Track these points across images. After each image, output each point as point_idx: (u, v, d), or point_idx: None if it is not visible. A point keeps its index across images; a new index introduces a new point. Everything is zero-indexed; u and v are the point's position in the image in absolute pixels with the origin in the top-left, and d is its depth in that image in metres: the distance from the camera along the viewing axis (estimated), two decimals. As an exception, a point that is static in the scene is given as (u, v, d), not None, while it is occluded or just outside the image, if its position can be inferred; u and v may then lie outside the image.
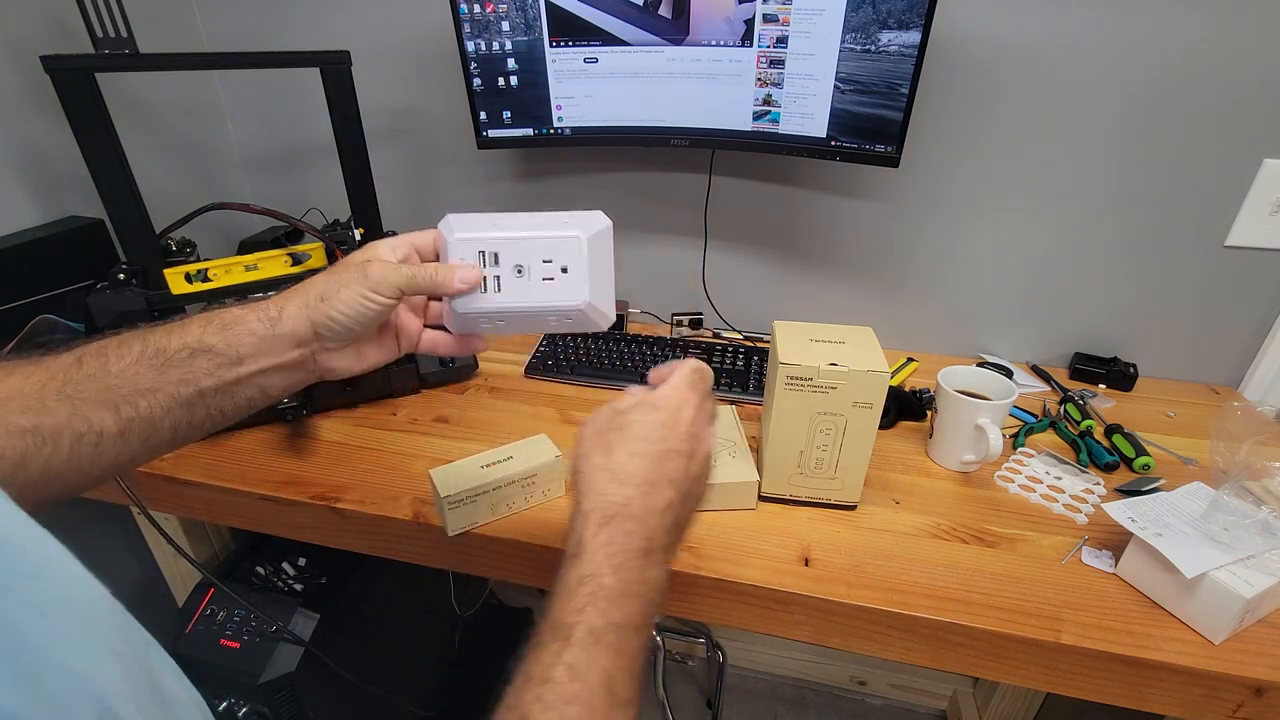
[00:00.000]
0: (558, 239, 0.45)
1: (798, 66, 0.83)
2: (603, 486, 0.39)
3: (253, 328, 0.42)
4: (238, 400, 0.43)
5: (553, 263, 0.45)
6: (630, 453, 0.40)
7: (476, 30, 0.87)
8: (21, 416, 0.36)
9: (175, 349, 0.41)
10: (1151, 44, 0.83)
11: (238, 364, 0.42)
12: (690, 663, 1.56)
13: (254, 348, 0.42)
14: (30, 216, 0.92)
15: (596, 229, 0.46)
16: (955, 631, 0.59)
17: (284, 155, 1.21)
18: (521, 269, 0.45)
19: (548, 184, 1.12)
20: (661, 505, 0.39)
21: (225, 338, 0.41)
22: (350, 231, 0.89)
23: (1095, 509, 0.71)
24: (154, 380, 0.40)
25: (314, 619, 0.86)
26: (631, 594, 0.36)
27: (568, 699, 0.32)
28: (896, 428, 0.86)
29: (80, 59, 0.72)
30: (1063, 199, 0.93)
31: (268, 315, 0.42)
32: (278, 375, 0.43)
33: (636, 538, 0.37)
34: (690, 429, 0.42)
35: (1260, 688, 0.54)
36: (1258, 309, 0.93)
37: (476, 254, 0.45)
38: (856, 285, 1.08)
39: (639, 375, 0.93)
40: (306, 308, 0.43)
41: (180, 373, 0.40)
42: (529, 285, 0.45)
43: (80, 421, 0.38)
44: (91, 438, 0.38)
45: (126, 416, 0.39)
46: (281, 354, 0.43)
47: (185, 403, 0.41)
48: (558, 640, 0.33)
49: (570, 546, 0.38)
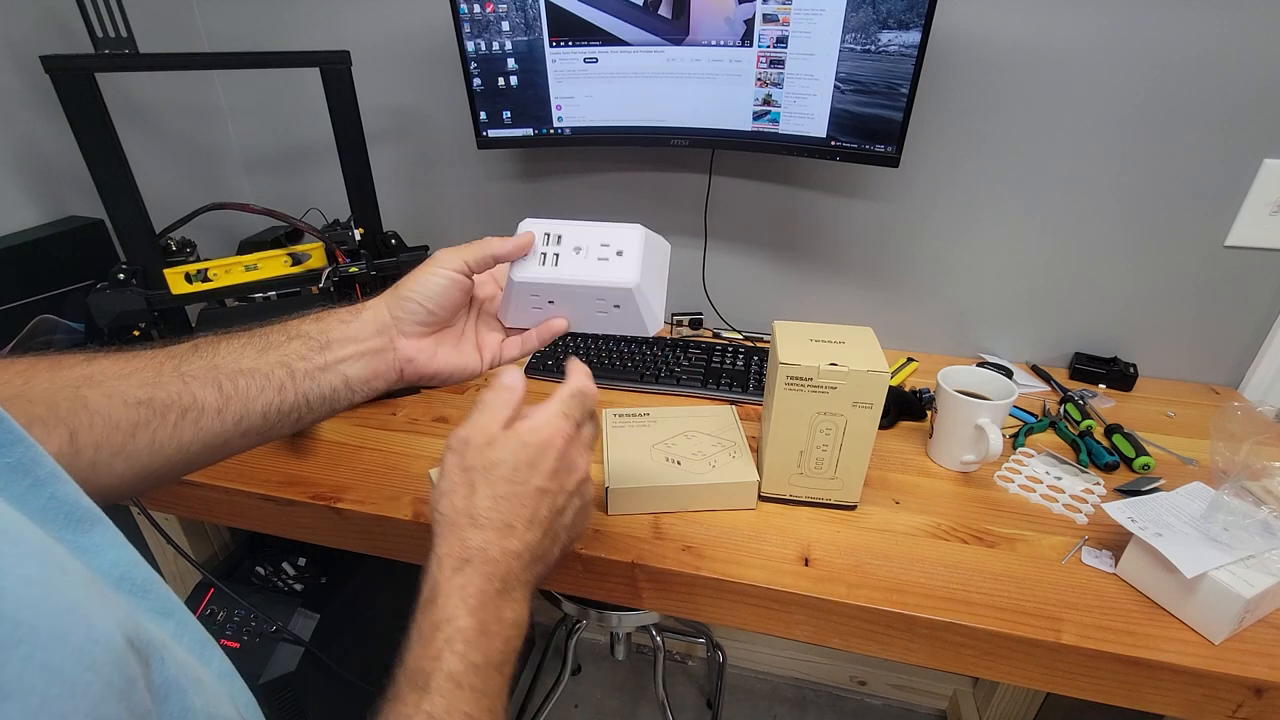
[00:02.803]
0: (618, 228, 0.49)
1: (798, 66, 0.83)
2: (460, 530, 0.38)
3: (341, 316, 0.47)
4: (322, 388, 0.46)
5: (609, 246, 0.48)
6: (493, 495, 0.39)
7: (476, 30, 0.87)
8: (139, 389, 0.40)
9: (276, 335, 0.46)
10: (1151, 44, 0.83)
11: (326, 348, 0.46)
12: (690, 663, 1.56)
13: (340, 333, 0.46)
14: (30, 216, 0.92)
15: (654, 236, 0.50)
16: (955, 631, 0.59)
17: (284, 155, 1.21)
18: (580, 249, 0.48)
19: (548, 184, 1.12)
20: (520, 547, 0.39)
21: (318, 326, 0.47)
22: (350, 231, 0.89)
23: (1095, 509, 0.71)
24: (254, 361, 0.44)
25: (314, 619, 0.86)
26: (490, 633, 0.36)
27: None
28: (896, 428, 0.86)
29: (80, 59, 0.72)
30: (1063, 199, 0.93)
31: (354, 308, 0.48)
32: (360, 362, 0.47)
33: (494, 580, 0.37)
34: (558, 464, 0.42)
35: (1260, 688, 0.54)
36: (1258, 309, 0.93)
37: (542, 234, 0.49)
38: (856, 285, 1.08)
39: (638, 375, 0.93)
40: (385, 299, 0.48)
41: (277, 355, 0.45)
42: (584, 262, 0.48)
43: (187, 396, 0.41)
44: (194, 413, 0.41)
45: (227, 394, 0.43)
46: (363, 339, 0.47)
47: (278, 385, 0.44)
48: (415, 690, 0.33)
49: (425, 592, 0.37)
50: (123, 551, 0.26)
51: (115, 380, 0.40)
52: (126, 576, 0.26)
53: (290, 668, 0.82)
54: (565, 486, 0.42)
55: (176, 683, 0.23)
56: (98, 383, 0.39)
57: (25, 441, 0.24)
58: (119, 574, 0.26)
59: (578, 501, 0.44)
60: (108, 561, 0.26)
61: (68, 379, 0.39)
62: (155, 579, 0.27)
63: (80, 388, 0.39)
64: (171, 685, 0.23)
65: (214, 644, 0.29)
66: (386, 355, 0.47)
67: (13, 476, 0.23)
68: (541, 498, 0.40)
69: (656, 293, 0.50)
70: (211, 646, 0.29)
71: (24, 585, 0.19)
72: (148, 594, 0.27)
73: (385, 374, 0.48)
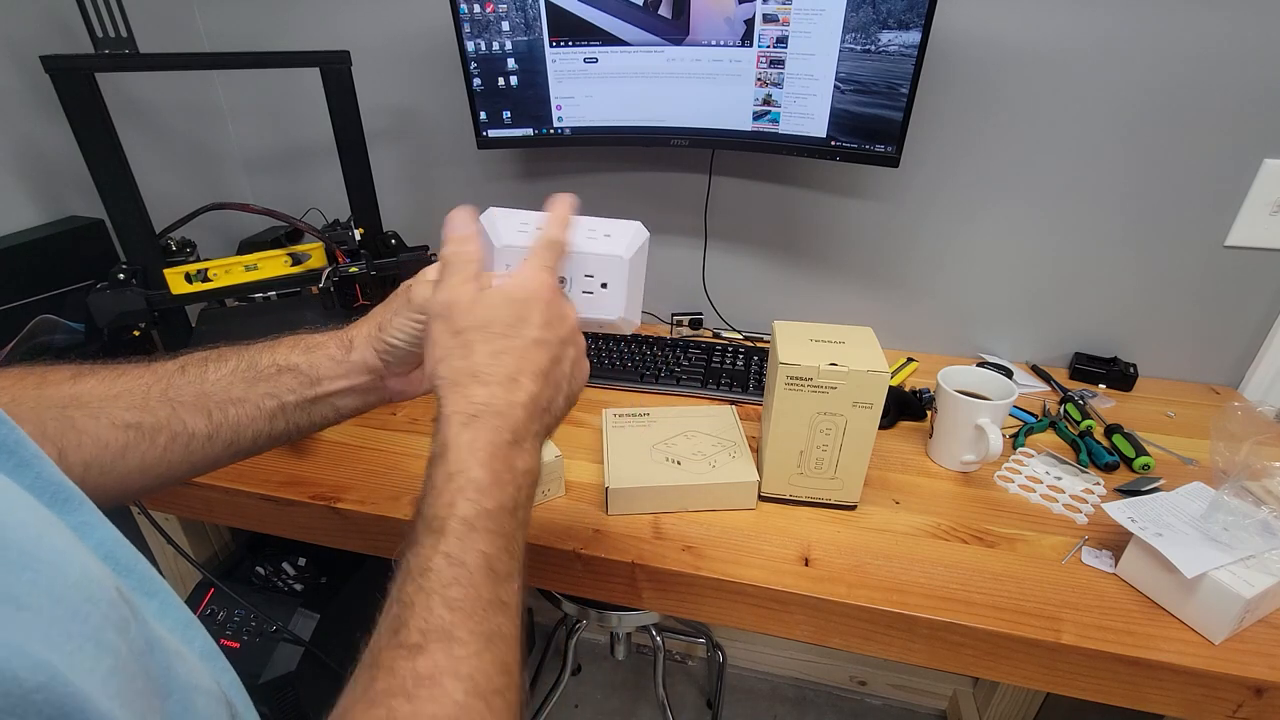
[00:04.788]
0: (602, 257, 0.47)
1: (798, 66, 0.83)
2: (465, 389, 0.39)
3: (331, 353, 0.47)
4: (313, 417, 0.47)
5: (594, 278, 0.47)
6: (491, 352, 0.39)
7: (476, 30, 0.87)
8: (127, 413, 0.40)
9: (265, 365, 0.45)
10: (1151, 44, 0.83)
11: (316, 384, 0.46)
12: (690, 663, 1.56)
13: (331, 370, 0.46)
14: (30, 216, 0.92)
15: (637, 246, 0.48)
16: (955, 631, 0.59)
17: (284, 155, 1.21)
18: (564, 280, 0.47)
19: (548, 184, 1.12)
20: (525, 398, 0.39)
21: (308, 359, 0.46)
22: (350, 231, 0.89)
23: (1095, 509, 0.71)
24: (244, 391, 0.44)
25: (314, 619, 0.86)
26: (502, 482, 0.36)
27: (448, 582, 0.32)
28: (896, 428, 0.86)
29: (80, 59, 0.72)
30: (1063, 199, 0.93)
31: (343, 343, 0.47)
32: (351, 397, 0.48)
33: (503, 432, 0.37)
34: (548, 314, 0.41)
35: (1260, 688, 0.54)
36: (1258, 309, 0.93)
37: (519, 222, 0.47)
38: (856, 285, 1.08)
39: (638, 375, 0.93)
40: (369, 338, 0.47)
41: (267, 386, 0.45)
42: (570, 297, 0.47)
43: (177, 422, 0.42)
44: (184, 438, 0.42)
45: (216, 422, 0.43)
46: (354, 378, 0.47)
47: (268, 415, 0.45)
48: (431, 535, 0.34)
49: (435, 448, 0.37)
50: (107, 531, 0.27)
51: (102, 402, 0.40)
52: (111, 555, 0.26)
53: (290, 668, 0.83)
54: (560, 335, 0.42)
55: (160, 644, 0.24)
56: (85, 404, 0.40)
57: (7, 424, 0.24)
58: (104, 552, 0.26)
59: (572, 350, 0.43)
60: (94, 539, 0.26)
61: (54, 398, 0.39)
62: (139, 559, 0.28)
63: (67, 408, 0.39)
64: (155, 644, 0.23)
65: (198, 625, 0.30)
66: (378, 390, 0.49)
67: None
68: (539, 348, 0.40)
69: (637, 303, 0.49)
70: (195, 627, 0.29)
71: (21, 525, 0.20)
72: (132, 573, 0.27)
73: (375, 403, 0.49)
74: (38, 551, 0.19)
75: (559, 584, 0.69)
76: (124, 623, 0.21)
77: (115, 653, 0.20)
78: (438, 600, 0.32)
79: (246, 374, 0.45)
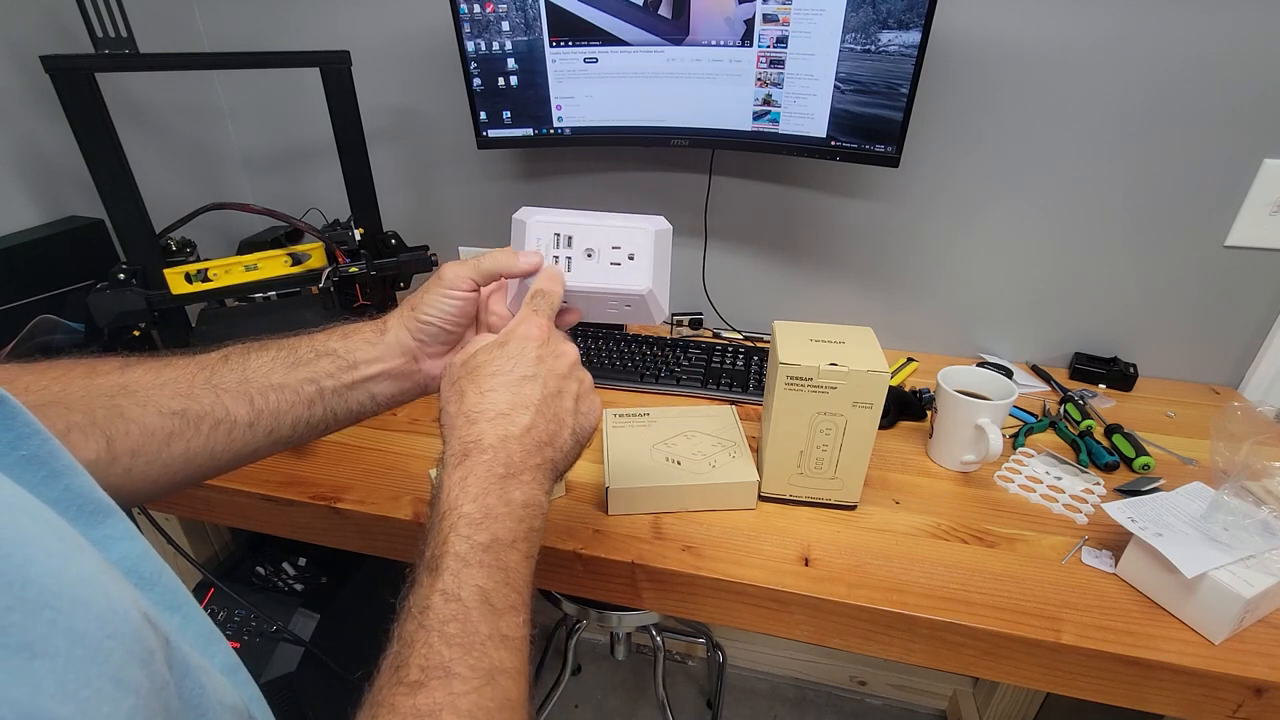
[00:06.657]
0: (628, 228, 0.49)
1: (798, 66, 0.83)
2: (457, 430, 0.40)
3: (367, 336, 0.48)
4: (350, 404, 0.48)
5: (621, 249, 0.49)
6: (479, 392, 0.41)
7: (476, 30, 0.87)
8: (173, 400, 0.42)
9: (304, 351, 0.47)
10: (1151, 44, 0.83)
11: (353, 368, 0.47)
12: (690, 663, 1.56)
13: (367, 353, 0.48)
14: (30, 216, 0.92)
15: (660, 228, 0.50)
16: (955, 631, 0.59)
17: (284, 155, 1.21)
18: (591, 253, 0.49)
19: (548, 184, 1.12)
20: (518, 431, 0.39)
21: (345, 344, 0.47)
22: (350, 231, 0.89)
23: (1095, 509, 0.71)
24: (284, 377, 0.45)
25: (314, 619, 0.86)
26: (495, 515, 0.36)
27: (445, 619, 0.33)
28: (896, 428, 0.86)
29: (80, 59, 0.72)
30: (1063, 199, 0.93)
31: (377, 327, 0.49)
32: (387, 382, 0.49)
33: (494, 466, 0.38)
34: (540, 352, 0.42)
35: (1260, 688, 0.54)
36: (1258, 309, 0.93)
37: (552, 235, 0.49)
38: (856, 285, 1.08)
39: (638, 375, 0.93)
40: (402, 319, 0.49)
41: (306, 371, 0.46)
42: (597, 268, 0.49)
43: (220, 409, 0.43)
44: (227, 425, 0.43)
45: (258, 408, 0.44)
46: (389, 360, 0.48)
47: (307, 400, 0.46)
48: (429, 574, 0.34)
49: (433, 491, 0.38)
50: (133, 544, 0.27)
51: (149, 390, 0.41)
52: (134, 569, 0.26)
53: (290, 668, 0.83)
54: (555, 370, 0.42)
55: (190, 667, 0.24)
56: (132, 392, 0.41)
57: (41, 434, 0.24)
58: (127, 566, 0.26)
59: (574, 385, 0.44)
60: (117, 553, 0.26)
61: (103, 387, 0.40)
62: (165, 571, 0.28)
63: (115, 396, 0.40)
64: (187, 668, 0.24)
65: (220, 638, 0.30)
66: (413, 375, 0.49)
67: (28, 468, 0.24)
68: (529, 383, 0.41)
69: (664, 288, 0.51)
70: (217, 641, 0.29)
71: (46, 556, 0.20)
72: (155, 586, 0.27)
73: (411, 391, 0.50)
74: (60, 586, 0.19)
75: (559, 584, 0.69)
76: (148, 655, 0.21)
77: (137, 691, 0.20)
78: (436, 637, 0.32)
79: (286, 360, 0.46)
